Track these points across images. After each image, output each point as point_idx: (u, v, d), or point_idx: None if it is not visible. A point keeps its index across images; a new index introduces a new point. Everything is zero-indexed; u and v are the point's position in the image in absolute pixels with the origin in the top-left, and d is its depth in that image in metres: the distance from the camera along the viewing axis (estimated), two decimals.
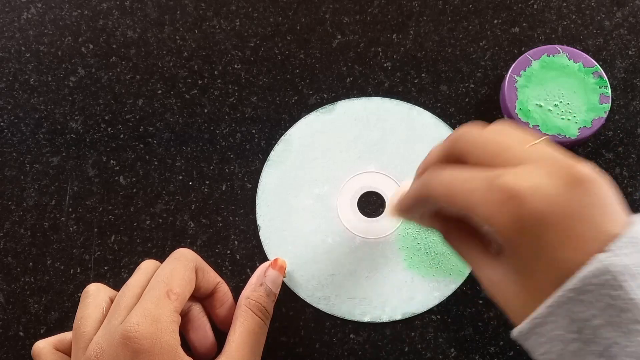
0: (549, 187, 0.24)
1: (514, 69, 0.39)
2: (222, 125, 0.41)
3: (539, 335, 0.25)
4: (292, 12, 0.43)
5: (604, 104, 0.38)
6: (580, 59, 0.39)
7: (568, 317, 0.24)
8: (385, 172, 0.40)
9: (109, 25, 0.43)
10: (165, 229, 0.40)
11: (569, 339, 0.24)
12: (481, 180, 0.25)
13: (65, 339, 0.33)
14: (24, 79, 0.42)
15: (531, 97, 0.38)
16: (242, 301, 0.35)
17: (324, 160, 0.40)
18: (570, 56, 0.39)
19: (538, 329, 0.25)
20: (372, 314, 0.38)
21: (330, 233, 0.39)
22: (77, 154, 0.41)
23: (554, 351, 0.25)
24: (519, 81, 0.39)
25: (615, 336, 0.23)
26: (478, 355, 0.37)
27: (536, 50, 0.39)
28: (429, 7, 0.43)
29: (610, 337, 0.23)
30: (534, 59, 0.39)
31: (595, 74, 0.38)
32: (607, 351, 0.23)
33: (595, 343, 0.24)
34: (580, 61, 0.39)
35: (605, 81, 0.38)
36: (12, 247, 0.39)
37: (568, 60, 0.39)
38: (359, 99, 0.41)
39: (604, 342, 0.23)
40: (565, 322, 0.24)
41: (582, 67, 0.39)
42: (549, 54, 0.39)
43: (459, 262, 0.38)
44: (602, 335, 0.23)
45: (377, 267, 0.38)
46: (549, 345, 0.25)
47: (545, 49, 0.39)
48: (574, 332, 0.24)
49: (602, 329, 0.23)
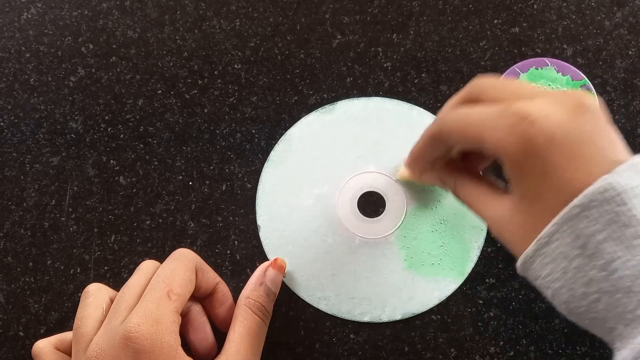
0: (558, 112, 0.25)
1: None
2: (222, 125, 0.41)
3: (544, 256, 0.26)
4: (292, 12, 0.43)
5: None
6: (568, 72, 0.39)
7: (573, 233, 0.25)
8: (385, 172, 0.40)
9: (109, 25, 0.43)
10: (165, 229, 0.40)
11: (573, 255, 0.25)
12: (494, 110, 0.26)
13: (65, 339, 0.33)
14: (24, 79, 0.42)
15: None
16: (241, 301, 0.35)
17: (324, 160, 0.40)
18: (559, 69, 0.39)
19: (543, 249, 0.26)
20: (372, 314, 0.38)
21: (330, 233, 0.39)
22: (77, 154, 0.41)
23: (558, 270, 0.25)
24: None
25: (617, 250, 0.24)
26: (478, 355, 0.37)
27: (524, 63, 0.39)
28: (429, 7, 0.43)
29: (613, 251, 0.24)
30: (522, 72, 0.39)
31: (583, 87, 0.38)
32: (609, 265, 0.24)
33: (598, 257, 0.24)
34: (568, 74, 0.39)
35: (594, 95, 0.38)
36: (12, 247, 0.40)
37: (556, 74, 0.39)
38: (359, 99, 0.41)
39: (606, 256, 0.24)
40: (570, 239, 0.25)
41: (570, 80, 0.39)
42: (537, 66, 0.39)
43: (459, 262, 0.38)
44: (605, 250, 0.24)
45: (377, 267, 0.38)
46: (553, 265, 0.26)
47: (534, 62, 0.39)
48: (578, 247, 0.25)
49: (605, 244, 0.24)
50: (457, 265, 0.38)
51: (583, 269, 0.25)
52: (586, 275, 0.25)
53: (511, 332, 0.38)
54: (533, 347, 0.37)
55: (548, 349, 0.37)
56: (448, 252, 0.38)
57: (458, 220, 0.39)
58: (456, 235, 0.39)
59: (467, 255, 0.38)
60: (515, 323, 0.38)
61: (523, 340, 0.38)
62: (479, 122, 0.27)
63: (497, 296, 0.38)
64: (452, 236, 0.39)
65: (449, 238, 0.39)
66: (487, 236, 0.39)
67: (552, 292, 0.26)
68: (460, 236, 0.39)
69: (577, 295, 0.25)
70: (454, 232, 0.39)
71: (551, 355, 0.37)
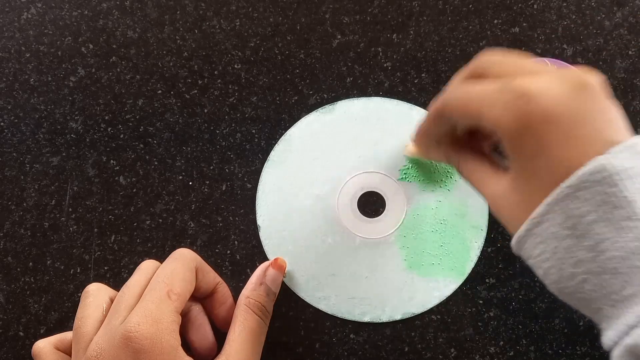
0: (557, 89, 0.25)
1: None
2: (222, 125, 0.41)
3: (535, 236, 0.26)
4: (292, 12, 0.43)
5: None
6: None
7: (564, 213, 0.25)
8: (385, 172, 0.40)
9: (109, 25, 0.43)
10: (165, 229, 0.40)
11: (563, 235, 0.25)
12: (495, 86, 0.26)
13: (65, 339, 0.33)
14: (24, 79, 0.42)
15: None
16: (241, 301, 0.35)
17: (324, 161, 0.40)
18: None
19: (535, 229, 0.26)
20: (372, 314, 0.38)
21: (330, 233, 0.39)
22: (77, 154, 0.41)
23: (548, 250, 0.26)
24: None
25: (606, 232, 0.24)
26: (478, 355, 0.37)
27: None
28: (429, 7, 0.43)
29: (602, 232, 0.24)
30: None
31: None
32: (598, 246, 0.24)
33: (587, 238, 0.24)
34: None
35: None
36: (12, 247, 0.39)
37: None
38: (359, 99, 0.41)
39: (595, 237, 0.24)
40: (560, 219, 0.25)
41: None
42: None
43: (459, 262, 0.38)
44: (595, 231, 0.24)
45: (377, 267, 0.38)
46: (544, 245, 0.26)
47: None
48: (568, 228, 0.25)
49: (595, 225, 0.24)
50: (457, 266, 0.38)
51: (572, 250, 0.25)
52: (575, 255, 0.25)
53: (511, 332, 0.38)
54: (533, 347, 0.37)
55: (548, 349, 0.37)
56: (448, 252, 0.38)
57: (458, 220, 0.39)
58: (456, 236, 0.39)
59: (467, 255, 0.38)
60: (515, 323, 0.38)
61: (523, 340, 0.38)
62: (479, 99, 0.27)
63: (497, 296, 0.38)
64: (452, 236, 0.39)
65: (449, 238, 0.39)
66: (487, 236, 0.39)
67: (542, 271, 0.26)
68: (460, 236, 0.39)
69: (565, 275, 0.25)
70: (454, 232, 0.39)
71: (551, 355, 0.37)
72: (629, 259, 0.23)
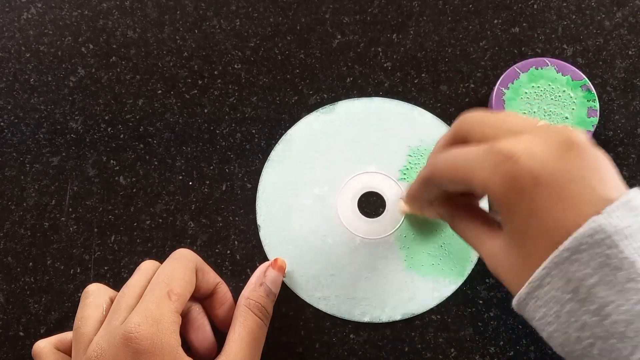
0: (544, 150, 0.25)
1: (501, 81, 0.38)
2: (222, 125, 0.41)
3: (536, 299, 0.25)
4: (292, 12, 0.43)
5: (591, 117, 0.38)
6: (568, 72, 0.38)
7: (564, 277, 0.24)
8: (385, 172, 0.40)
9: (109, 25, 0.43)
10: (165, 229, 0.40)
11: (565, 300, 0.24)
12: (481, 149, 0.26)
13: (65, 339, 0.33)
14: (24, 79, 0.42)
15: (519, 110, 0.38)
16: (241, 301, 0.35)
17: (324, 161, 0.40)
18: (559, 69, 0.38)
19: (535, 292, 0.25)
20: (371, 314, 0.38)
21: (330, 233, 0.39)
22: (77, 154, 0.41)
23: (551, 314, 0.25)
24: (506, 94, 0.38)
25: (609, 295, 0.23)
26: (478, 355, 0.37)
27: (524, 63, 0.39)
28: (429, 7, 0.43)
29: (605, 295, 0.23)
30: (522, 72, 0.39)
31: (583, 87, 0.38)
32: (602, 310, 0.23)
33: (590, 302, 0.24)
34: (568, 74, 0.38)
35: (594, 94, 0.38)
36: (12, 247, 0.40)
37: (556, 73, 0.38)
38: (359, 99, 0.41)
39: (598, 300, 0.23)
40: (560, 283, 0.24)
41: (571, 80, 0.38)
42: (537, 66, 0.39)
43: (459, 262, 0.38)
44: (597, 294, 0.23)
45: (377, 267, 0.38)
46: (546, 309, 0.25)
47: (534, 62, 0.39)
48: (569, 292, 0.24)
49: (597, 288, 0.23)
50: (457, 266, 0.38)
51: (575, 314, 0.24)
52: (579, 320, 0.24)
53: (511, 332, 0.38)
54: (533, 347, 0.37)
55: (548, 349, 0.37)
56: (448, 252, 0.38)
57: None
58: (456, 236, 0.39)
59: (467, 255, 0.38)
60: (515, 323, 0.38)
61: (523, 340, 0.38)
62: (466, 164, 0.27)
63: (497, 296, 0.38)
64: (452, 236, 0.39)
65: (449, 238, 0.39)
66: None
67: (547, 334, 0.26)
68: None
69: (571, 339, 0.25)
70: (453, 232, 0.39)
71: (551, 355, 0.37)
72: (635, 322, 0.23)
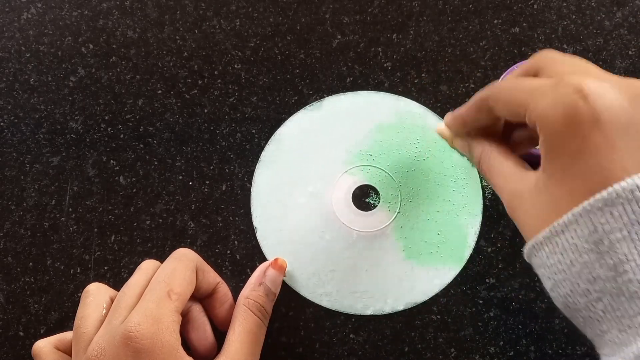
0: (614, 94, 0.24)
1: None
2: (222, 125, 0.41)
3: (555, 245, 0.25)
4: (292, 12, 0.43)
5: None
6: None
7: (591, 226, 0.23)
8: (377, 164, 0.40)
9: (109, 25, 0.43)
10: (165, 229, 0.40)
11: (585, 249, 0.24)
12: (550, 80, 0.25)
13: (65, 339, 0.33)
14: (24, 79, 0.42)
15: None
16: (241, 301, 0.35)
17: (315, 157, 0.40)
18: None
19: (556, 237, 0.25)
20: (374, 307, 0.38)
21: (327, 229, 0.39)
22: (77, 154, 0.41)
23: (565, 261, 0.24)
24: None
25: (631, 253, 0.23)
26: (478, 355, 0.37)
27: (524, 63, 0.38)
28: (429, 7, 0.43)
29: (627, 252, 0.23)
30: None
31: None
32: (620, 266, 0.23)
33: (610, 256, 0.23)
34: None
35: None
36: (12, 247, 0.39)
37: None
38: (345, 94, 0.41)
39: (619, 256, 0.23)
40: (585, 232, 0.24)
41: None
42: None
43: (457, 248, 0.38)
44: (620, 250, 0.23)
45: (377, 259, 0.39)
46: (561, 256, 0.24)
47: None
48: (592, 242, 0.23)
49: (621, 243, 0.23)
50: (455, 252, 0.38)
51: (591, 265, 0.24)
52: (593, 272, 0.24)
53: (511, 332, 0.38)
54: (533, 347, 0.37)
55: (548, 349, 0.37)
56: (445, 239, 0.39)
57: (452, 207, 0.39)
58: (452, 223, 0.39)
59: (465, 241, 0.39)
60: (515, 323, 0.38)
61: (523, 340, 0.38)
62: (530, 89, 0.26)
63: (497, 296, 0.38)
64: (448, 224, 0.39)
65: (445, 226, 0.39)
66: (487, 236, 0.39)
67: (553, 283, 0.25)
68: (456, 223, 0.39)
69: (578, 290, 0.24)
70: (449, 219, 0.39)
71: (551, 355, 0.37)
72: None
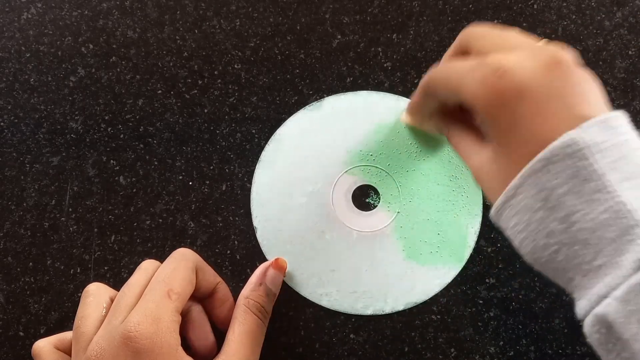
0: (530, 65, 0.26)
1: None
2: (222, 125, 0.41)
3: (511, 208, 0.27)
4: (292, 12, 0.43)
5: None
6: None
7: (537, 186, 0.26)
8: (377, 164, 0.40)
9: (109, 25, 0.43)
10: (165, 229, 0.40)
11: (535, 208, 0.26)
12: (473, 63, 0.28)
13: (65, 339, 0.33)
14: (24, 79, 0.42)
15: None
16: (241, 301, 0.35)
17: (315, 157, 0.40)
18: None
19: (511, 201, 0.27)
20: (374, 307, 0.38)
21: (327, 229, 0.39)
22: (77, 154, 0.41)
23: (522, 221, 0.27)
24: None
25: (577, 204, 0.25)
26: (478, 355, 0.37)
27: None
28: (429, 7, 0.43)
29: (573, 204, 0.25)
30: None
31: None
32: (569, 217, 0.25)
33: (559, 210, 0.25)
34: None
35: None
36: (12, 247, 0.40)
37: None
38: (345, 94, 0.41)
39: (566, 209, 0.25)
40: (533, 192, 0.26)
41: None
42: None
43: (457, 248, 0.38)
44: (565, 203, 0.25)
45: (376, 259, 0.39)
46: (518, 217, 0.27)
47: None
48: (541, 200, 0.26)
49: (566, 197, 0.25)
50: (455, 252, 0.38)
51: (544, 221, 0.26)
52: (547, 227, 0.26)
53: (511, 332, 0.38)
54: (533, 347, 0.37)
55: (548, 349, 0.37)
56: (445, 239, 0.39)
57: (452, 207, 0.39)
58: (452, 222, 0.39)
59: (465, 241, 0.39)
60: (515, 323, 0.38)
61: (523, 340, 0.38)
62: (458, 74, 0.28)
63: (497, 296, 0.38)
64: (448, 223, 0.39)
65: (445, 226, 0.39)
66: (487, 236, 0.39)
67: (518, 242, 0.27)
68: (456, 223, 0.39)
69: (539, 246, 0.26)
70: (449, 219, 0.39)
71: (551, 355, 0.37)
72: (599, 230, 0.24)
